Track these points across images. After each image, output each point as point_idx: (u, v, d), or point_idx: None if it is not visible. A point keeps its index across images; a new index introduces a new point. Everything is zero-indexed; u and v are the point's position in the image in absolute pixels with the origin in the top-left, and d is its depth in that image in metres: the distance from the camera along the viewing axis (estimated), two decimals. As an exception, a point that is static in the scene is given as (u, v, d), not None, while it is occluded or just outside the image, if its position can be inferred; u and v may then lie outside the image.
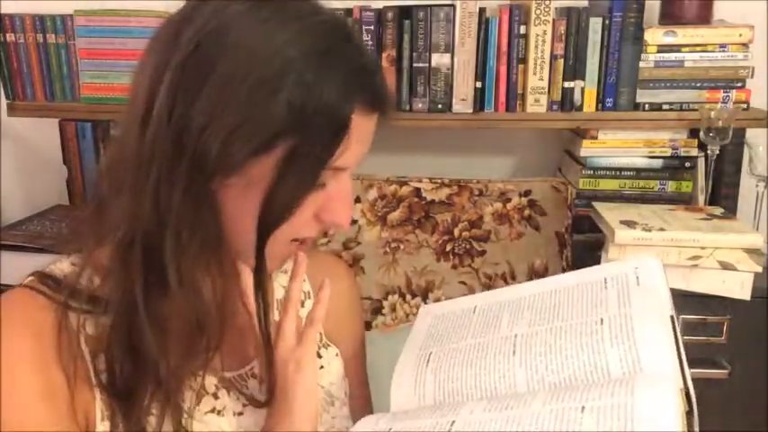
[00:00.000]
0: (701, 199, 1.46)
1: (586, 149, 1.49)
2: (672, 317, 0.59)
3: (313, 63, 0.58)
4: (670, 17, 1.45)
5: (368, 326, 1.42)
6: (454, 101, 1.47)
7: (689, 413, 0.49)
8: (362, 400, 0.84)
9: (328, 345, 0.79)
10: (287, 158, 0.58)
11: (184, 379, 0.64)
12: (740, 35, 1.41)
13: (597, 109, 1.48)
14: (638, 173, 1.49)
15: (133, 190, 0.60)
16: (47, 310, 0.62)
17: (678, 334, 0.57)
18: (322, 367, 0.77)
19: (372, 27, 1.45)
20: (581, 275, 0.69)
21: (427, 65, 1.45)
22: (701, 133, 1.40)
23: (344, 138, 0.59)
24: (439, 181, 1.45)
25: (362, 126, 0.61)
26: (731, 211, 1.42)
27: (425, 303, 1.42)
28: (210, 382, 0.69)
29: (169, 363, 0.62)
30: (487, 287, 1.42)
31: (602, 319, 0.60)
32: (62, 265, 0.67)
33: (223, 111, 0.57)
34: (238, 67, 0.57)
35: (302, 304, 0.79)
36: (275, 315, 0.76)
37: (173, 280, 0.60)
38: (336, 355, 0.79)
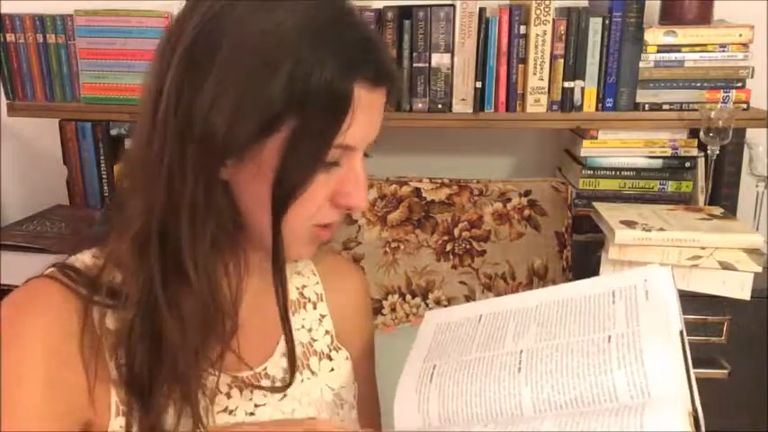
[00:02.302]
0: (701, 199, 1.46)
1: (586, 149, 1.49)
2: (681, 332, 0.58)
3: (311, 39, 0.58)
4: (670, 17, 1.45)
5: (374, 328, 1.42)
6: (454, 101, 1.47)
7: None
8: (371, 401, 0.84)
9: (339, 347, 0.78)
10: (292, 137, 0.59)
11: (202, 371, 0.64)
12: (740, 35, 1.41)
13: (597, 109, 1.47)
14: (638, 173, 1.49)
15: (148, 181, 0.61)
16: (70, 301, 0.62)
17: (687, 351, 0.56)
18: (332, 370, 0.77)
19: (372, 27, 1.45)
20: (588, 287, 0.67)
21: (427, 65, 1.45)
22: (701, 133, 1.40)
23: (348, 113, 0.59)
24: (439, 181, 1.45)
25: (367, 101, 0.61)
26: (731, 211, 1.42)
27: (425, 303, 1.42)
28: (224, 381, 0.68)
29: (188, 354, 0.62)
30: (487, 287, 1.42)
31: (609, 337, 0.59)
32: (83, 258, 0.67)
33: (226, 91, 0.58)
34: (239, 48, 0.58)
35: (315, 306, 0.79)
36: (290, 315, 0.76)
37: (189, 267, 0.61)
38: (346, 358, 0.79)
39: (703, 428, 0.50)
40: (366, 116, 0.62)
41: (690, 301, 1.24)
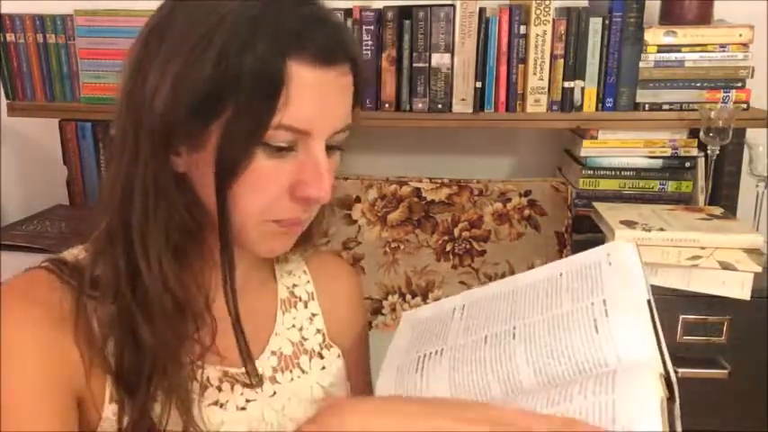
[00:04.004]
0: (701, 199, 1.46)
1: (586, 149, 1.49)
2: (649, 301, 0.58)
3: (246, 16, 0.58)
4: (670, 17, 1.45)
5: (368, 326, 1.42)
6: (454, 101, 1.47)
7: (670, 399, 0.48)
8: None
9: (331, 345, 0.79)
10: (230, 118, 0.59)
11: (182, 363, 0.64)
12: (740, 35, 1.41)
13: (597, 109, 1.48)
14: (638, 173, 1.49)
15: (115, 171, 0.62)
16: (63, 292, 0.63)
17: (656, 318, 0.56)
18: (324, 368, 0.77)
19: (372, 27, 1.45)
20: (554, 268, 0.67)
21: (427, 65, 1.45)
22: (701, 133, 1.40)
23: (281, 91, 0.58)
24: (439, 181, 1.45)
25: (311, 79, 0.59)
26: (731, 211, 1.42)
27: (425, 303, 1.42)
28: (215, 374, 0.69)
29: (167, 349, 0.62)
30: (487, 287, 1.43)
31: (578, 309, 0.59)
32: (75, 251, 0.68)
33: (167, 74, 0.59)
34: (183, 32, 0.59)
35: (306, 305, 0.79)
36: (278, 314, 0.76)
37: (140, 258, 0.61)
38: (338, 356, 0.79)
39: (677, 390, 0.50)
40: (311, 96, 0.60)
41: (690, 301, 1.24)
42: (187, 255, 0.65)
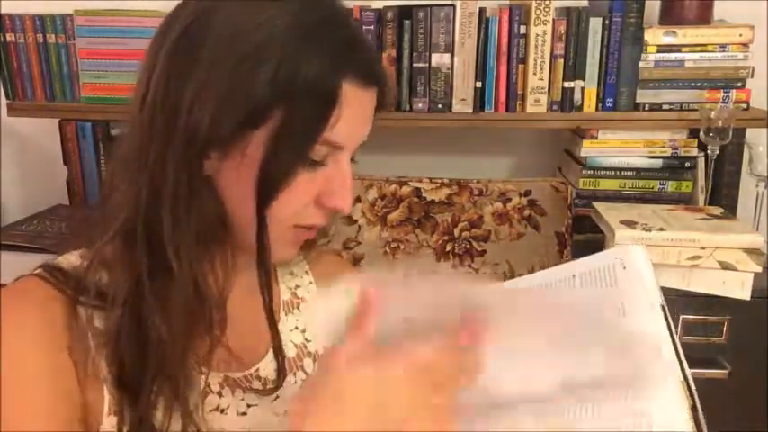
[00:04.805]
0: (701, 199, 1.46)
1: (586, 149, 1.49)
2: (663, 306, 0.58)
3: (299, 35, 0.58)
4: (670, 17, 1.45)
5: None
6: (454, 101, 1.47)
7: (693, 408, 0.49)
8: None
9: None
10: (278, 131, 0.59)
11: (190, 367, 0.64)
12: (740, 35, 1.41)
13: (597, 109, 1.48)
14: (638, 173, 1.49)
15: (133, 175, 0.61)
16: (58, 301, 0.62)
17: (671, 324, 0.56)
18: None
19: (372, 27, 1.45)
20: (565, 269, 0.67)
21: (427, 65, 1.45)
22: (701, 133, 1.40)
23: (334, 110, 0.59)
24: (439, 181, 1.45)
25: (356, 100, 0.61)
26: (731, 211, 1.42)
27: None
28: (215, 380, 0.68)
29: (175, 350, 0.62)
30: (487, 287, 1.43)
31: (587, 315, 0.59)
32: (71, 258, 0.67)
33: (211, 83, 0.58)
34: (225, 43, 0.58)
35: (308, 306, 0.78)
36: (281, 316, 0.76)
37: (173, 260, 0.60)
38: None
39: (696, 396, 0.50)
40: (354, 115, 0.61)
41: (690, 301, 1.24)
42: (210, 253, 0.65)
